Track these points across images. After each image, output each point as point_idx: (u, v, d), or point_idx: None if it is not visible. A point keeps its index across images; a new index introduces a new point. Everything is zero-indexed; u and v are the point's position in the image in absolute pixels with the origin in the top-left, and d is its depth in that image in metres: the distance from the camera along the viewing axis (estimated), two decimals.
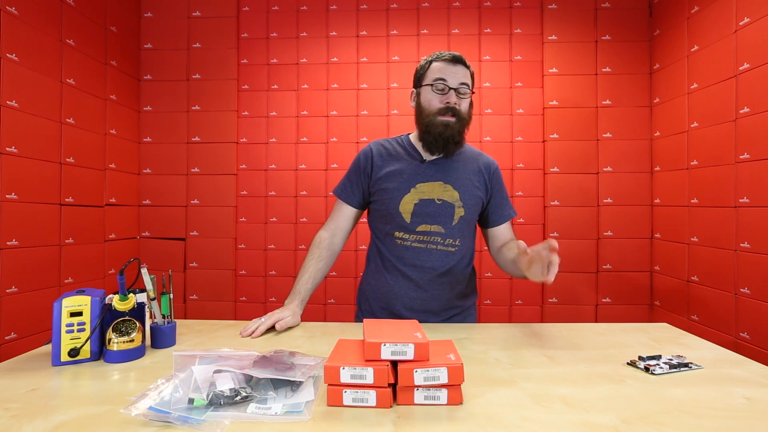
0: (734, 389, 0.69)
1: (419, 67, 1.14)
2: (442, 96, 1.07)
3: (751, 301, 1.74)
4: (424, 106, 1.10)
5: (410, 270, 1.11)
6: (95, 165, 2.18)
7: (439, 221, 1.10)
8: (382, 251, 1.15)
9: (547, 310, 2.49)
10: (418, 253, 1.10)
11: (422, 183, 1.11)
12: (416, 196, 1.10)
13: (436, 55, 1.11)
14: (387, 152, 1.16)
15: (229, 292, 2.56)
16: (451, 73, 1.07)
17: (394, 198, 1.11)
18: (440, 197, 1.11)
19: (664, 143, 2.35)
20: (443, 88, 1.07)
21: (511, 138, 2.53)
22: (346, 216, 1.18)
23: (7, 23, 1.68)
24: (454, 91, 1.07)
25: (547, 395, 0.66)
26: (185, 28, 2.59)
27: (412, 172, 1.12)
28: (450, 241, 1.11)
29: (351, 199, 1.18)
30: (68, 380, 0.72)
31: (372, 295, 1.17)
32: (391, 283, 1.12)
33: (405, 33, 2.58)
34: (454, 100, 1.07)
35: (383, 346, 0.63)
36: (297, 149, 2.58)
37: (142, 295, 0.92)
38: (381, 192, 1.13)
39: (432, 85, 1.07)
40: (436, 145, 1.09)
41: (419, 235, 1.10)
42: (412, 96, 1.16)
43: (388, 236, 1.13)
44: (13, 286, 1.69)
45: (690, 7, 2.15)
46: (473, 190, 1.14)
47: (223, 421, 0.57)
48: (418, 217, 1.10)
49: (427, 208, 1.10)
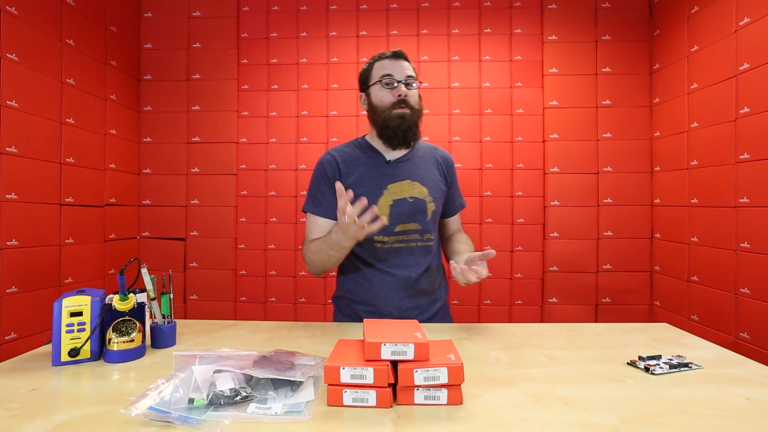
0: (734, 389, 0.69)
1: (363, 71, 1.15)
2: (392, 90, 1.09)
3: (751, 301, 1.74)
4: (376, 103, 1.11)
5: (397, 270, 1.11)
6: (95, 165, 2.18)
7: (415, 219, 1.12)
8: (361, 256, 1.13)
9: (547, 310, 2.49)
10: (400, 253, 1.11)
11: (392, 184, 1.12)
12: (390, 197, 1.11)
13: (378, 56, 1.13)
14: (350, 158, 1.15)
15: (229, 292, 2.56)
16: (396, 67, 1.09)
17: (369, 202, 1.08)
18: (412, 195, 1.12)
19: (664, 143, 2.35)
20: (391, 82, 1.09)
21: (511, 138, 2.54)
22: (325, 229, 1.11)
23: (7, 23, 1.68)
24: (403, 84, 1.09)
25: (547, 395, 0.66)
26: (185, 28, 2.58)
27: (379, 173, 1.13)
28: (428, 236, 1.14)
29: (327, 211, 1.12)
30: (68, 380, 0.72)
31: (355, 298, 1.14)
32: (378, 287, 1.11)
33: (405, 33, 2.58)
34: (405, 91, 1.09)
35: (383, 346, 0.63)
36: (297, 149, 2.58)
37: (142, 295, 0.92)
38: (355, 198, 1.10)
39: (380, 81, 1.09)
40: (396, 138, 1.11)
41: (398, 235, 1.11)
42: (361, 100, 1.17)
43: (367, 242, 1.11)
44: (13, 286, 1.69)
45: (690, 7, 2.15)
46: (438, 183, 1.17)
47: (223, 421, 0.57)
48: (395, 218, 1.10)
49: (402, 208, 1.11)
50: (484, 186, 2.52)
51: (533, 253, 2.51)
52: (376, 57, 1.13)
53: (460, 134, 2.54)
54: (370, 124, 1.18)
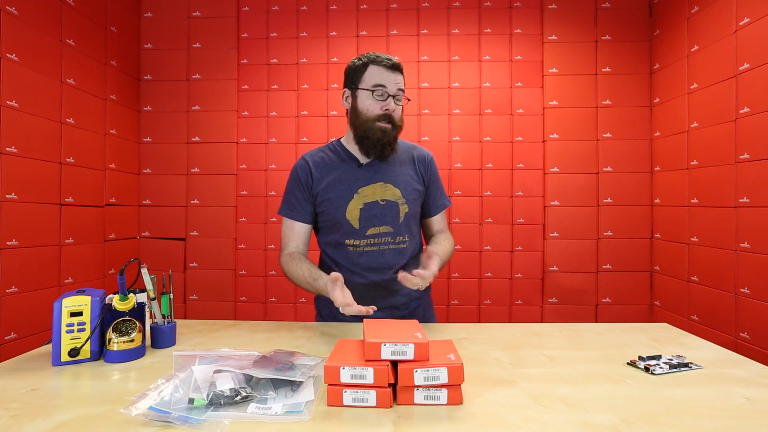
0: (734, 389, 0.69)
1: (353, 67, 1.12)
2: (381, 102, 1.08)
3: (751, 301, 1.74)
4: (361, 110, 1.10)
5: (369, 273, 1.12)
6: (95, 165, 2.18)
7: (386, 221, 1.12)
8: (336, 260, 1.14)
9: (547, 310, 2.49)
10: (372, 256, 1.12)
11: (363, 187, 1.12)
12: (360, 200, 1.11)
13: (373, 57, 1.10)
14: (323, 162, 1.16)
15: (229, 292, 2.56)
16: (390, 80, 1.08)
17: (339, 207, 1.11)
18: (383, 197, 1.12)
19: (664, 143, 2.35)
20: (382, 94, 1.08)
21: (511, 138, 2.53)
22: (300, 234, 1.15)
23: (7, 23, 1.68)
24: (392, 98, 1.08)
25: (547, 395, 0.66)
26: (185, 28, 2.58)
27: (352, 177, 1.13)
28: (400, 238, 1.14)
29: (302, 215, 1.15)
30: (68, 380, 0.72)
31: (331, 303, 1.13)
32: (351, 289, 1.09)
33: (405, 33, 2.58)
34: (393, 107, 1.08)
35: (383, 346, 0.63)
36: (297, 149, 2.58)
37: (142, 295, 0.92)
38: (325, 203, 1.12)
39: (372, 91, 1.08)
40: (374, 150, 1.10)
41: (370, 238, 1.12)
42: (344, 96, 1.15)
43: (339, 246, 1.13)
44: (13, 286, 1.69)
45: (690, 7, 2.15)
46: (413, 184, 1.16)
47: (223, 421, 0.57)
48: (366, 222, 1.11)
49: (373, 211, 1.11)
50: (484, 186, 2.52)
51: (533, 253, 2.51)
52: (372, 58, 1.10)
53: (460, 134, 2.54)
54: (348, 124, 1.16)
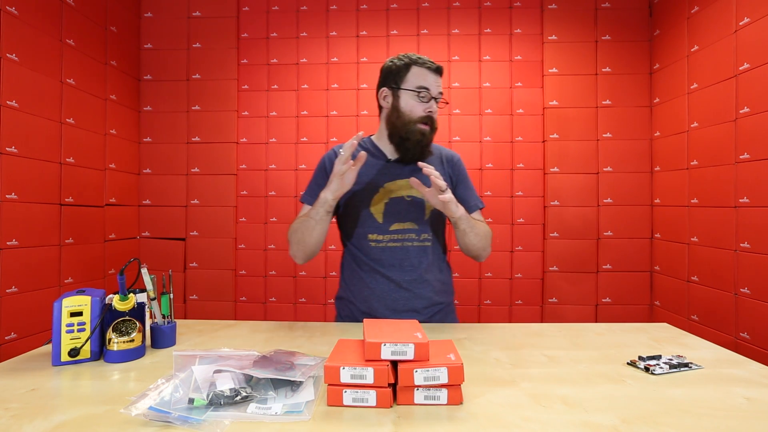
0: (734, 389, 0.68)
1: (393, 67, 1.12)
2: (425, 104, 1.08)
3: (751, 301, 1.74)
4: (404, 111, 1.09)
5: (390, 271, 1.10)
6: (95, 165, 2.18)
7: (411, 217, 1.11)
8: (357, 257, 1.14)
9: (547, 310, 2.49)
10: (394, 252, 1.10)
11: (390, 182, 1.12)
12: (385, 195, 1.11)
13: (415, 59, 1.10)
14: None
15: (229, 292, 2.56)
16: (433, 82, 1.09)
17: (363, 199, 1.11)
18: (409, 194, 1.11)
19: (664, 143, 2.35)
20: (425, 96, 1.08)
21: (511, 138, 2.53)
22: None
23: (7, 23, 1.68)
24: (434, 101, 1.10)
25: (547, 395, 0.66)
26: (185, 28, 2.58)
27: (379, 172, 1.13)
28: (425, 236, 1.12)
29: None
30: (68, 380, 0.72)
31: (352, 299, 1.15)
32: (372, 287, 1.10)
33: (405, 33, 2.58)
34: (435, 109, 1.09)
35: (383, 346, 0.63)
36: (297, 149, 2.58)
37: (142, 295, 0.92)
38: (350, 195, 1.11)
39: (417, 92, 1.08)
40: (413, 152, 1.10)
41: (393, 234, 1.10)
42: (382, 95, 1.13)
43: (361, 240, 1.12)
44: (13, 286, 1.69)
45: (690, 7, 2.15)
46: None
47: (223, 421, 0.57)
48: (390, 216, 1.10)
49: (398, 206, 1.11)
50: (484, 186, 2.52)
51: (533, 253, 2.51)
52: (414, 59, 1.10)
53: (460, 134, 2.54)
54: (383, 122, 1.15)
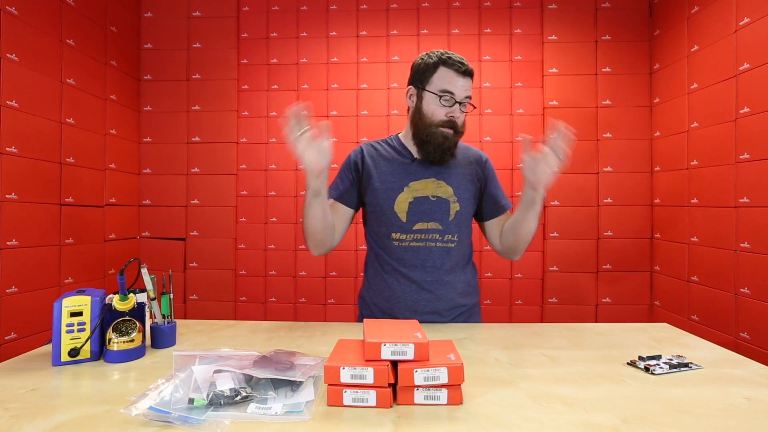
0: (734, 389, 0.68)
1: (422, 65, 1.09)
2: (447, 109, 1.06)
3: (751, 301, 1.74)
4: (426, 113, 1.07)
5: (412, 271, 1.09)
6: (95, 165, 2.18)
7: (435, 218, 1.09)
8: (380, 256, 1.13)
9: (547, 310, 2.49)
10: (417, 252, 1.09)
11: (415, 181, 1.10)
12: (410, 194, 1.09)
13: (445, 58, 1.06)
14: (377, 153, 1.15)
15: (229, 292, 2.56)
16: (459, 85, 1.05)
17: (388, 198, 1.10)
18: (434, 194, 1.10)
19: (664, 143, 2.35)
20: (449, 100, 1.05)
21: (511, 138, 2.53)
22: (339, 215, 1.13)
23: (7, 23, 1.68)
24: (458, 105, 1.06)
25: (547, 395, 0.66)
26: (185, 28, 2.58)
27: (404, 171, 1.12)
28: (449, 237, 1.10)
29: (343, 197, 1.14)
30: (68, 380, 0.72)
31: (374, 300, 1.15)
32: (393, 287, 1.10)
33: (405, 33, 2.58)
34: (458, 114, 1.07)
35: (383, 346, 0.63)
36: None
37: (142, 295, 0.92)
38: (374, 193, 1.11)
39: (440, 96, 1.05)
40: (434, 155, 1.08)
41: (417, 233, 1.09)
42: (408, 94, 1.13)
43: (385, 239, 1.12)
44: (13, 286, 1.69)
45: (690, 7, 2.15)
46: (466, 183, 1.14)
47: (223, 421, 0.57)
48: (413, 216, 1.09)
49: (422, 206, 1.09)
50: None
51: (533, 253, 2.51)
52: (444, 59, 1.06)
53: None
54: (408, 121, 1.14)
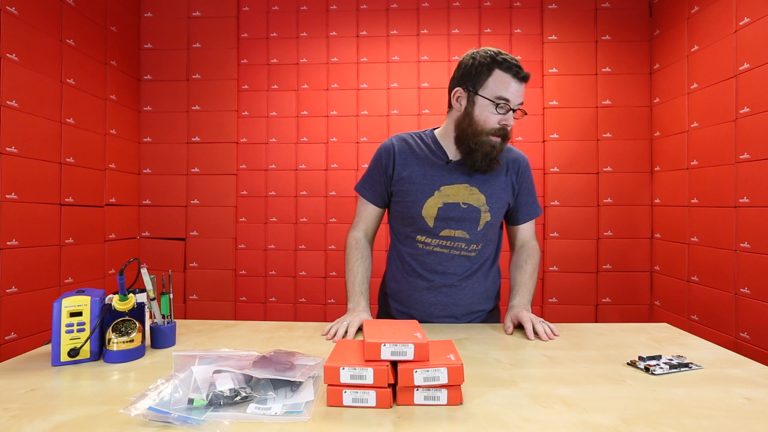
0: (734, 389, 0.68)
1: (475, 66, 0.99)
2: (501, 117, 0.98)
3: (751, 301, 1.74)
4: (478, 120, 0.99)
5: (432, 275, 1.07)
6: (95, 165, 2.18)
7: (463, 227, 1.05)
8: (402, 253, 1.11)
9: (547, 310, 2.49)
10: (440, 258, 1.06)
11: (447, 186, 1.04)
12: (440, 199, 1.04)
13: (500, 60, 0.97)
14: (410, 149, 1.08)
15: (229, 292, 2.56)
16: (515, 91, 0.97)
17: (417, 201, 1.05)
18: (466, 201, 1.04)
19: (664, 143, 2.35)
20: (504, 108, 0.97)
21: (510, 138, 2.53)
22: (372, 215, 1.14)
23: (7, 23, 1.68)
24: (512, 112, 0.99)
25: (547, 395, 0.66)
26: (185, 28, 2.58)
27: (437, 173, 1.05)
28: (474, 246, 1.07)
29: (374, 198, 1.12)
30: (68, 380, 0.72)
31: (393, 298, 1.14)
32: (412, 288, 1.09)
33: (405, 33, 2.58)
34: (511, 122, 1.00)
35: (383, 347, 0.63)
36: (297, 149, 2.58)
37: (142, 295, 0.92)
38: (403, 193, 1.06)
39: (495, 104, 0.97)
40: (480, 164, 1.01)
41: (442, 240, 1.05)
42: (456, 95, 1.03)
43: (409, 239, 1.09)
44: (13, 286, 1.69)
45: (690, 7, 2.15)
46: (500, 192, 1.08)
47: (223, 422, 0.57)
48: (441, 222, 1.04)
49: (452, 213, 1.04)
50: None
51: None
52: (499, 60, 0.96)
53: None
54: (451, 122, 1.06)
